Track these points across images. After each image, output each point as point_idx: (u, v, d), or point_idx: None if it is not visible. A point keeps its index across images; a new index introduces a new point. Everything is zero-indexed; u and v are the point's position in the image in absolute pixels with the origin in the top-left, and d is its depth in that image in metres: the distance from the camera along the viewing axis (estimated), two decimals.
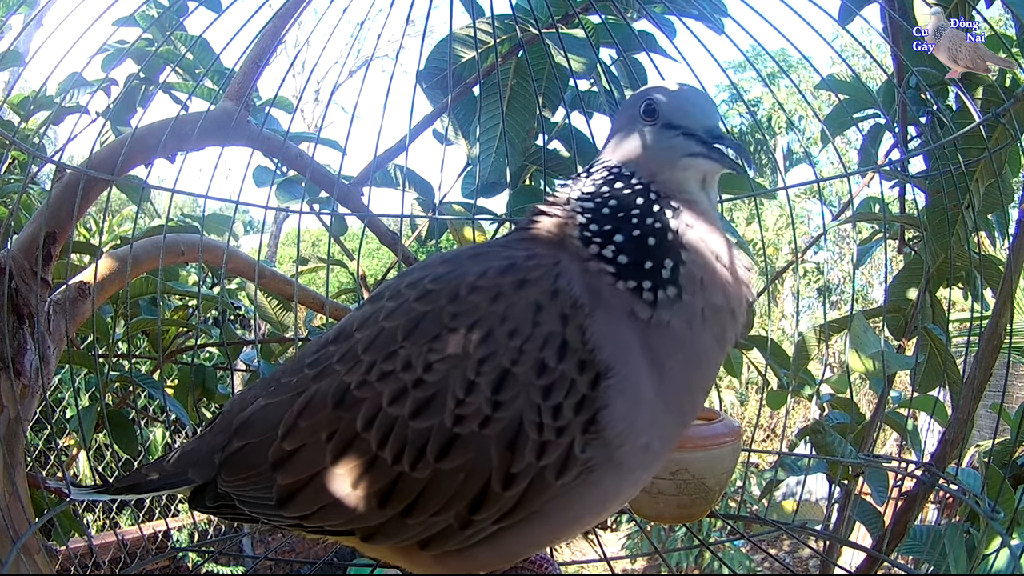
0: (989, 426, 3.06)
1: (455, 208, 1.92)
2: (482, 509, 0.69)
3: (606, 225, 0.74)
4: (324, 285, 1.82)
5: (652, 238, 0.72)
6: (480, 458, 0.67)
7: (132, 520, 3.90)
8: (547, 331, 0.68)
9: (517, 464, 0.67)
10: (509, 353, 0.67)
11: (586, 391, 0.67)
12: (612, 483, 0.72)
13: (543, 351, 0.67)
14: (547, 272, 0.70)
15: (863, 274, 8.38)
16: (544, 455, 0.67)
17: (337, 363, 0.74)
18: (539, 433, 0.67)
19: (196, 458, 0.83)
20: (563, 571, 1.12)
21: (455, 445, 0.67)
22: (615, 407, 0.67)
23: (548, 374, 0.67)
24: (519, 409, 0.67)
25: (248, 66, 1.56)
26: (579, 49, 1.63)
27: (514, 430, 0.67)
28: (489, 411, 0.67)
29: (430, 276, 0.75)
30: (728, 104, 11.89)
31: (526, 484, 0.68)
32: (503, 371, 0.67)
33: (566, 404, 0.67)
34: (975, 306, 1.75)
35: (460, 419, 0.67)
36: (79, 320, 1.43)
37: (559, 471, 0.68)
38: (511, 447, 0.67)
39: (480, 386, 0.67)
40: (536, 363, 0.67)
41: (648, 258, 0.71)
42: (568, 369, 0.67)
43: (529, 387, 0.67)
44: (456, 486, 0.68)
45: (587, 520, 0.76)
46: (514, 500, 0.68)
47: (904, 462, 1.56)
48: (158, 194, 2.45)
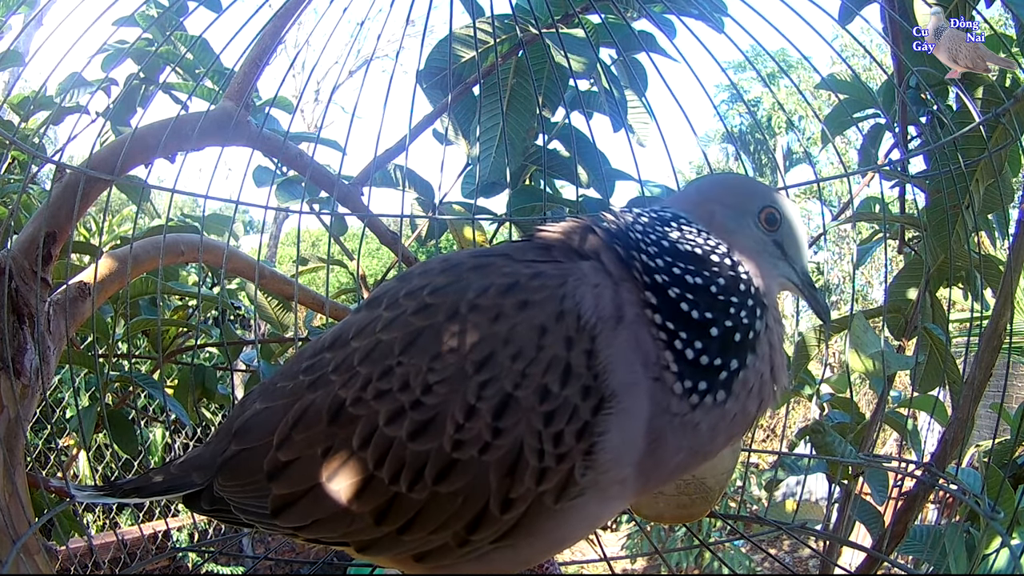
0: (989, 426, 3.06)
1: (455, 208, 1.92)
2: (480, 530, 0.68)
3: (689, 301, 0.70)
4: (324, 285, 1.82)
5: (739, 334, 0.70)
6: (479, 483, 0.66)
7: (132, 520, 3.90)
8: (551, 355, 0.66)
9: (516, 490, 0.66)
10: (512, 377, 0.65)
11: (588, 417, 0.65)
12: (596, 508, 0.71)
13: (546, 376, 0.65)
14: (552, 294, 0.68)
15: (863, 274, 8.39)
16: (544, 481, 0.66)
17: (332, 373, 0.73)
18: (539, 460, 0.65)
19: (201, 462, 0.83)
20: (563, 571, 1.12)
21: (454, 470, 0.66)
22: (612, 435, 0.66)
23: (551, 400, 0.65)
24: (520, 436, 0.65)
25: (248, 66, 1.56)
26: (579, 49, 1.63)
27: (514, 456, 0.65)
28: (489, 437, 0.65)
29: (429, 288, 0.73)
30: (728, 104, 11.90)
31: (524, 508, 0.67)
32: (505, 396, 0.65)
33: (568, 430, 0.65)
34: (975, 306, 1.75)
35: (459, 444, 0.66)
36: (79, 320, 1.43)
37: (558, 496, 0.67)
38: (511, 473, 0.66)
39: (481, 411, 0.65)
40: (539, 388, 0.65)
41: (721, 356, 0.69)
42: (571, 395, 0.65)
43: (531, 413, 0.65)
44: (454, 508, 0.67)
45: (572, 542, 0.75)
46: (512, 523, 0.67)
47: (904, 462, 1.56)
48: (158, 194, 2.45)
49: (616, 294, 0.70)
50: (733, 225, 0.76)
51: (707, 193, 0.81)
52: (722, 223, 0.76)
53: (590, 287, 0.69)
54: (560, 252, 0.75)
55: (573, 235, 0.77)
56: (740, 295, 0.71)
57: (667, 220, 0.76)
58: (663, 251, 0.72)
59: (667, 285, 0.70)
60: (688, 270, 0.71)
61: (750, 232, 0.77)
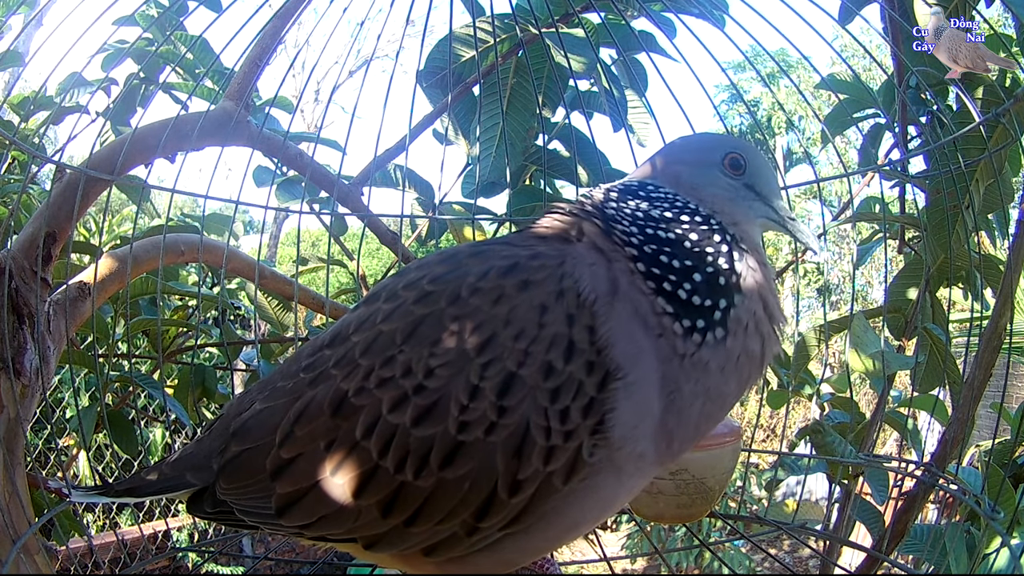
0: (989, 426, 3.06)
1: (455, 208, 1.92)
2: (488, 516, 0.67)
3: (667, 253, 0.72)
4: (324, 285, 1.82)
5: (723, 278, 0.72)
6: (486, 465, 0.65)
7: (132, 520, 3.90)
8: (553, 332, 0.66)
9: (524, 470, 0.66)
10: (514, 356, 0.65)
11: (594, 393, 0.66)
12: (611, 488, 0.71)
13: (549, 353, 0.65)
14: (552, 273, 0.69)
15: (863, 274, 8.39)
16: (551, 460, 0.66)
17: (333, 368, 0.72)
18: (546, 438, 0.65)
19: (195, 461, 0.82)
20: (563, 571, 1.12)
21: (460, 453, 0.66)
22: (622, 410, 0.66)
23: (555, 376, 0.65)
24: (525, 414, 0.65)
25: (248, 66, 1.56)
26: (579, 49, 1.63)
27: (520, 436, 0.65)
28: (495, 417, 0.65)
29: (428, 277, 0.73)
30: (728, 104, 11.90)
31: (533, 490, 0.66)
32: (508, 375, 0.65)
33: (573, 407, 0.65)
34: (975, 306, 1.75)
35: (465, 426, 0.65)
36: (79, 320, 1.43)
37: (567, 476, 0.67)
38: (518, 453, 0.65)
39: (485, 391, 0.65)
40: (543, 365, 0.65)
41: (710, 296, 0.71)
42: (575, 371, 0.65)
43: (536, 390, 0.65)
44: (461, 494, 0.67)
45: (585, 526, 0.75)
46: (520, 506, 0.67)
47: (904, 462, 1.56)
48: (158, 194, 2.45)
49: (609, 269, 0.71)
50: (701, 180, 0.79)
51: (669, 156, 0.84)
52: (689, 181, 0.79)
53: (586, 266, 0.71)
54: (555, 238, 0.77)
55: (560, 222, 0.79)
56: (715, 244, 0.74)
57: (634, 190, 0.79)
58: (636, 219, 0.75)
59: (644, 244, 0.73)
60: (660, 228, 0.74)
61: (719, 181, 0.79)
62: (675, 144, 0.89)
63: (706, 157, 0.80)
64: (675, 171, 0.80)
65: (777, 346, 0.76)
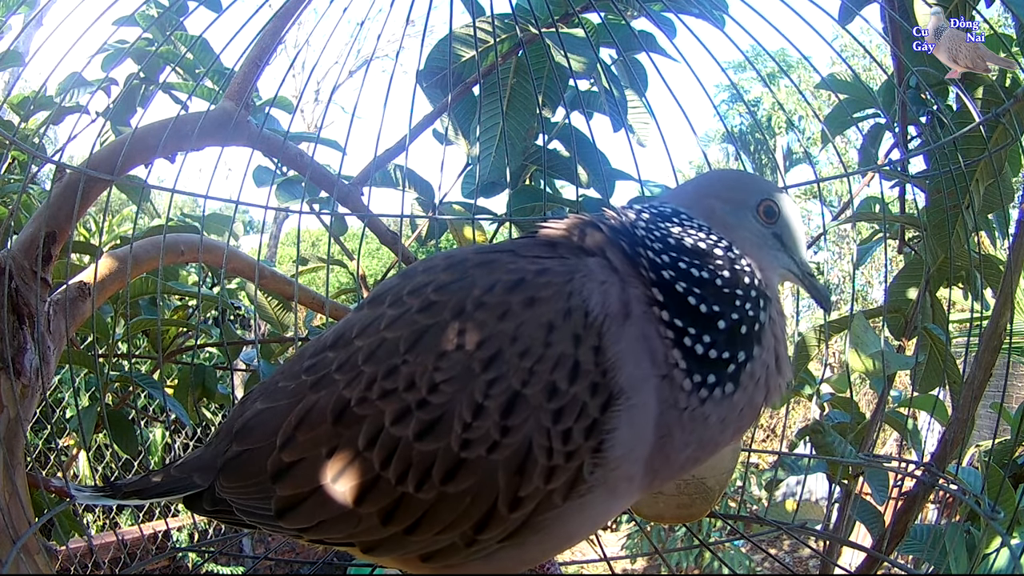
0: (989, 426, 3.06)
1: (455, 208, 1.92)
2: (487, 530, 0.67)
3: (696, 295, 0.70)
4: (324, 285, 1.82)
5: (745, 327, 0.70)
6: (487, 482, 0.65)
7: (132, 520, 3.90)
8: (559, 352, 0.65)
9: (525, 488, 0.65)
10: (519, 375, 0.65)
11: (597, 415, 0.65)
12: (604, 504, 0.71)
13: (554, 373, 0.65)
14: (558, 291, 0.68)
15: (863, 274, 8.39)
16: (553, 479, 0.66)
17: (336, 372, 0.72)
18: (548, 458, 0.65)
19: (201, 464, 0.82)
20: (563, 571, 1.12)
21: (462, 469, 0.65)
22: (621, 432, 0.66)
23: (559, 397, 0.65)
24: (528, 434, 0.64)
25: (248, 66, 1.56)
26: (579, 49, 1.63)
27: (523, 455, 0.65)
28: (498, 436, 0.65)
29: (434, 284, 0.72)
30: (728, 104, 11.89)
31: (533, 506, 0.66)
32: (513, 393, 0.65)
33: (576, 428, 0.65)
34: (975, 306, 1.75)
35: (467, 443, 0.65)
36: (79, 320, 1.43)
37: (566, 494, 0.67)
38: (519, 471, 0.65)
39: (489, 410, 0.65)
40: (547, 385, 0.65)
41: (728, 348, 0.69)
42: (580, 392, 0.65)
43: (539, 411, 0.64)
44: (462, 508, 0.67)
45: (578, 539, 0.75)
46: (520, 521, 0.67)
47: (904, 462, 1.56)
48: (158, 194, 2.45)
49: (623, 291, 0.70)
50: (733, 219, 0.77)
51: (705, 188, 0.82)
52: (722, 217, 0.77)
53: (597, 283, 0.69)
54: (565, 249, 0.75)
55: (576, 231, 0.77)
56: (744, 287, 0.72)
57: (668, 216, 0.76)
58: (668, 247, 0.73)
59: (674, 280, 0.71)
60: (693, 264, 0.72)
61: (750, 225, 0.77)
62: (712, 176, 0.88)
63: (742, 198, 0.78)
64: (710, 205, 0.78)
65: (779, 397, 0.75)
